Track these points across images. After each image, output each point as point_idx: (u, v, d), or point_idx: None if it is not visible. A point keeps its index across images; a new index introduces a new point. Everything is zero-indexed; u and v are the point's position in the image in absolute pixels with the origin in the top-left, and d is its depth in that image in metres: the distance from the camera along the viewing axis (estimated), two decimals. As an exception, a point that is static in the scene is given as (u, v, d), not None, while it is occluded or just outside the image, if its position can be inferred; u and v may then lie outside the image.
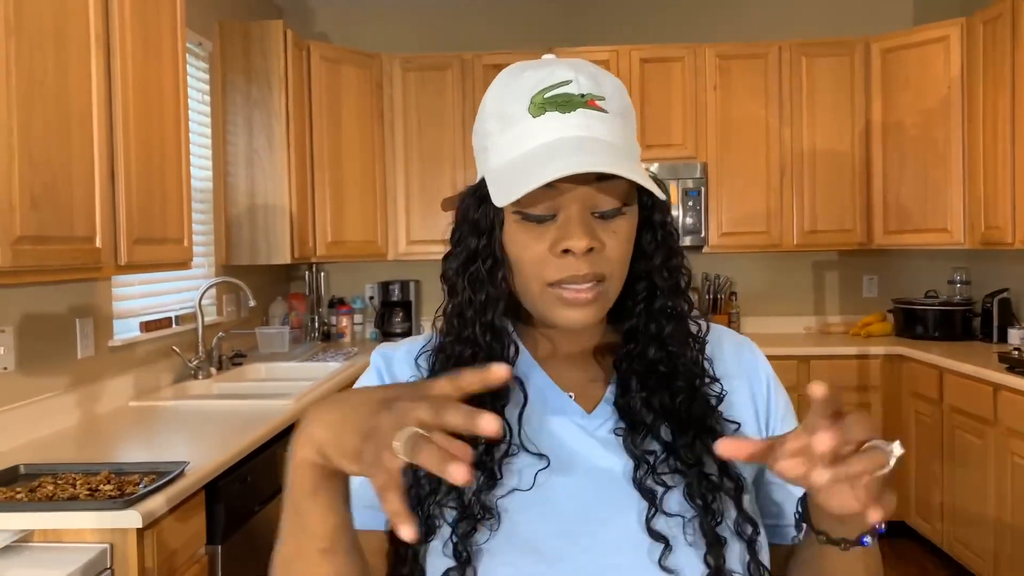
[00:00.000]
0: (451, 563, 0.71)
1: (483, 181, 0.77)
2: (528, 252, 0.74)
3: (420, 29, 4.32)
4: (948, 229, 3.63)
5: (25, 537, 1.52)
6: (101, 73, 1.94)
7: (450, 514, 0.72)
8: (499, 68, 0.79)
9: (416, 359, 0.83)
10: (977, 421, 3.00)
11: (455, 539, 0.71)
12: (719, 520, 0.72)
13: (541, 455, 0.75)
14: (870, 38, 3.88)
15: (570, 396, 0.79)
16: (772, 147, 3.93)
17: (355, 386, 0.83)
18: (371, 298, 4.40)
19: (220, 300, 3.46)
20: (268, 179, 3.50)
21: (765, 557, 0.76)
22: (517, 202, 0.71)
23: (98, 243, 1.93)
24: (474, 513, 0.71)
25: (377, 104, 4.02)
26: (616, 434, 0.77)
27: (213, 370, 3.05)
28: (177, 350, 2.89)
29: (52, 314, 2.25)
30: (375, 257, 4.08)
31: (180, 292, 3.11)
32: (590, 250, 0.72)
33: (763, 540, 0.76)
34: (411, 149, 4.05)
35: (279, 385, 2.99)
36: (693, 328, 0.81)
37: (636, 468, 0.74)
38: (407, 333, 4.21)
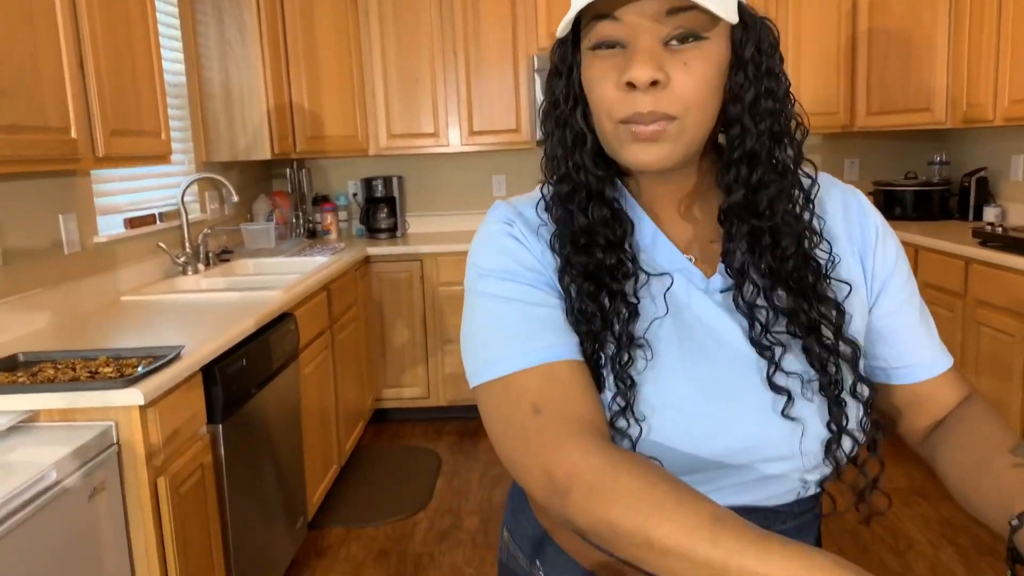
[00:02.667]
0: (614, 390, 0.72)
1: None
2: (599, 87, 0.71)
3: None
4: (930, 108, 3.62)
5: (31, 417, 1.58)
6: (60, -45, 1.87)
7: (611, 347, 0.73)
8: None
9: (536, 208, 0.81)
10: (948, 295, 3.09)
11: (617, 368, 0.72)
12: (840, 387, 0.73)
13: (664, 274, 0.76)
14: (859, -91, 3.74)
15: (690, 259, 0.78)
16: (757, 28, 3.84)
17: (484, 235, 0.79)
18: (355, 195, 4.39)
19: (203, 197, 3.45)
20: (243, 72, 3.41)
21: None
22: (592, 34, 0.69)
23: (73, 134, 1.92)
24: (624, 343, 0.72)
25: (351, -9, 3.88)
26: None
27: (201, 266, 3.07)
28: (163, 246, 2.91)
29: (35, 210, 2.25)
30: (356, 152, 4.04)
31: (161, 189, 3.09)
32: (654, 83, 0.67)
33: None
34: (388, 37, 3.94)
35: (268, 279, 3.02)
36: (806, 183, 0.76)
37: (751, 326, 0.74)
38: (393, 229, 4.22)
